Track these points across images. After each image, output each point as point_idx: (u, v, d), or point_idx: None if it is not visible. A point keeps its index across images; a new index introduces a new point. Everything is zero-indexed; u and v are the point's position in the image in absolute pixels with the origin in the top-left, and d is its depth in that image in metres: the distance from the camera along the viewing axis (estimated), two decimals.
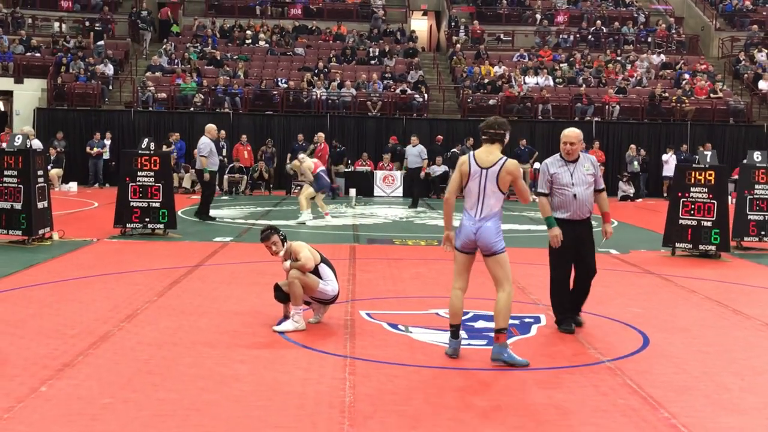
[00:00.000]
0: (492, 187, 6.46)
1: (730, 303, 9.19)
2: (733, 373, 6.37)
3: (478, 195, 6.48)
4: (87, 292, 8.99)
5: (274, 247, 7.59)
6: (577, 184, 7.55)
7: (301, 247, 7.55)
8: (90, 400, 5.37)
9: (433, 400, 5.56)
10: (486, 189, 6.46)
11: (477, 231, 6.47)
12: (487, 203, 6.48)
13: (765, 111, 29.64)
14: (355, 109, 27.84)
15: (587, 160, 7.72)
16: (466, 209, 6.59)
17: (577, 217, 7.60)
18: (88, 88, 27.74)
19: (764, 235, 13.72)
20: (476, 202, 6.49)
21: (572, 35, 33.63)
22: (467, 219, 6.55)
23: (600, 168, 7.87)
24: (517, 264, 11.47)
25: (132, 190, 13.85)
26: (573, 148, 7.58)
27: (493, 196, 6.49)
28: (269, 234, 7.64)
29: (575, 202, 7.55)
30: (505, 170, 6.48)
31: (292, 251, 7.52)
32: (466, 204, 6.59)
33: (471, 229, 6.49)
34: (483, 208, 6.48)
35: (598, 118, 27.95)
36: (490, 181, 6.46)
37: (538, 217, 19.20)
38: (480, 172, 6.48)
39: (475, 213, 6.51)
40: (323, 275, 7.55)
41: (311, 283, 7.42)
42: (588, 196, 7.59)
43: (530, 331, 7.64)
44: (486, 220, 6.47)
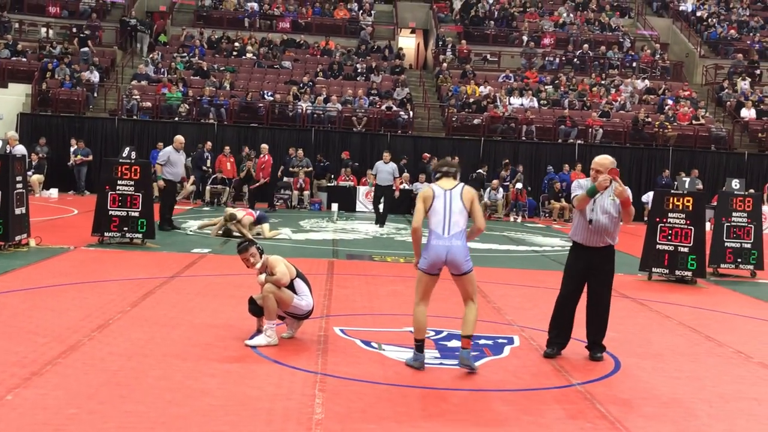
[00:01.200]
0: (457, 203, 6.78)
1: (704, 329, 9.24)
2: (702, 400, 6.41)
3: (444, 212, 6.76)
4: (60, 300, 8.93)
5: (251, 259, 7.55)
6: (596, 211, 7.38)
7: (278, 261, 7.53)
8: (56, 410, 5.33)
9: (401, 419, 5.55)
10: (452, 205, 6.80)
11: (448, 252, 6.64)
12: (454, 219, 6.75)
13: (746, 139, 29.90)
14: (340, 124, 27.86)
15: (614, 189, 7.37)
16: (432, 229, 6.79)
17: (592, 244, 7.44)
18: (73, 94, 27.64)
19: (740, 262, 13.84)
20: (442, 220, 6.75)
21: (558, 58, 33.85)
22: (435, 238, 6.72)
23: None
24: (494, 284, 11.53)
25: (111, 199, 13.79)
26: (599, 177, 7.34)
27: (459, 213, 6.77)
28: (246, 246, 7.62)
29: (589, 228, 7.42)
30: (467, 190, 6.90)
31: (269, 265, 7.51)
32: (432, 224, 6.80)
33: (441, 251, 6.66)
34: (451, 226, 6.74)
35: (581, 141, 28.09)
36: (455, 198, 6.82)
37: (517, 237, 19.30)
38: (444, 192, 6.87)
39: (443, 230, 6.74)
40: (298, 290, 7.54)
41: (286, 298, 7.41)
42: (607, 225, 7.36)
43: (503, 352, 7.65)
44: (455, 238, 6.68)
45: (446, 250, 6.66)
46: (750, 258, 13.83)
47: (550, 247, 17.44)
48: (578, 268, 7.53)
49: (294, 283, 7.54)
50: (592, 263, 7.49)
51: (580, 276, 7.54)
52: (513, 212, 25.12)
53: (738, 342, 8.64)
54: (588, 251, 7.48)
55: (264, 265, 7.54)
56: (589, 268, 7.50)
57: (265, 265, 7.53)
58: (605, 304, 7.56)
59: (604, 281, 7.55)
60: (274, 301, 7.34)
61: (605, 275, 7.55)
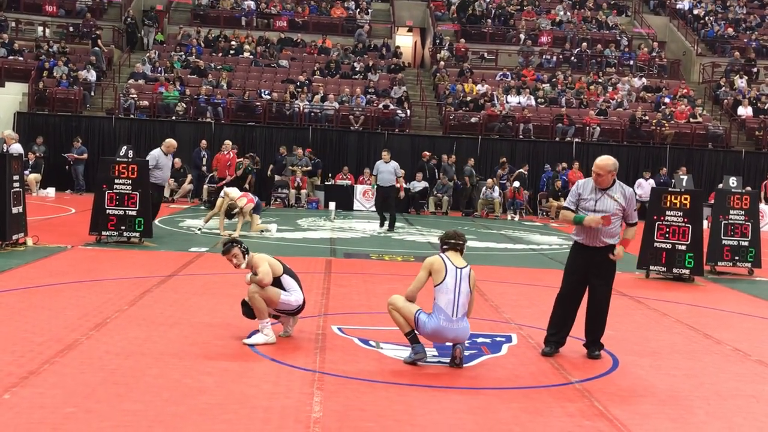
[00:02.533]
0: (466, 285, 6.87)
1: (701, 327, 9.25)
2: (700, 398, 6.41)
3: (454, 293, 6.83)
4: (57, 299, 8.91)
5: (234, 260, 7.53)
6: (598, 211, 7.39)
7: (261, 260, 7.47)
8: (53, 409, 5.32)
9: (400, 417, 5.55)
10: (461, 287, 6.85)
11: (455, 336, 6.85)
12: (462, 302, 6.85)
13: (743, 137, 29.94)
14: (337, 122, 27.85)
15: (619, 191, 7.45)
16: (439, 306, 6.83)
17: (592, 244, 7.46)
18: (70, 93, 27.60)
19: (738, 260, 13.85)
20: (452, 300, 6.82)
21: (555, 56, 33.86)
22: (445, 320, 6.80)
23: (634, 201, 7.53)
24: (492, 282, 11.53)
25: (108, 198, 13.77)
26: (600, 179, 7.44)
27: (466, 296, 6.87)
28: (230, 247, 7.57)
29: (590, 230, 7.43)
30: (473, 275, 7.01)
31: (253, 264, 7.48)
32: (441, 301, 6.84)
33: (449, 333, 6.83)
34: (459, 308, 6.84)
35: (579, 139, 28.11)
36: (464, 280, 6.88)
37: (515, 235, 19.30)
38: (456, 270, 6.88)
39: (452, 312, 6.81)
40: (286, 286, 7.49)
41: (272, 295, 7.38)
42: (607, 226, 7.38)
43: (501, 350, 7.64)
44: (461, 321, 6.85)
45: (454, 333, 6.85)
46: (747, 256, 13.84)
47: (547, 246, 17.44)
48: (578, 267, 7.55)
49: (281, 280, 7.49)
50: (591, 262, 7.50)
51: (579, 275, 7.55)
52: (510, 210, 25.12)
53: (736, 340, 8.64)
54: (588, 250, 7.50)
55: (250, 264, 7.51)
56: (589, 267, 7.51)
57: (251, 264, 7.50)
58: (604, 303, 7.56)
59: (603, 280, 7.54)
60: (261, 300, 7.31)
61: (605, 274, 7.54)
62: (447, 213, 25.16)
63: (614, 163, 7.44)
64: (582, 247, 7.54)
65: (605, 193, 7.44)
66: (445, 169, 25.86)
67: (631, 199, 7.50)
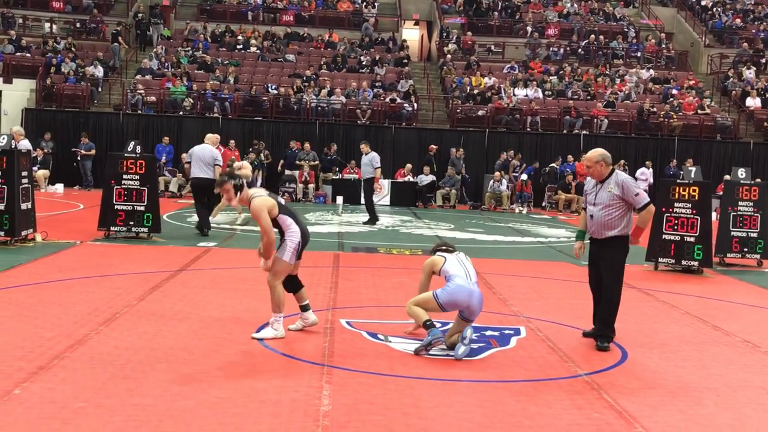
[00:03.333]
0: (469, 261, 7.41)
1: (710, 319, 9.23)
2: (709, 389, 6.40)
3: (462, 265, 7.29)
4: (67, 295, 8.94)
5: (226, 194, 7.39)
6: (596, 204, 7.64)
7: (260, 210, 7.24)
8: (63, 404, 5.34)
9: (408, 411, 5.55)
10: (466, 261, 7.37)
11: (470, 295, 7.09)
12: (471, 270, 7.29)
13: (752, 128, 29.82)
14: (344, 116, 27.84)
15: (615, 181, 7.59)
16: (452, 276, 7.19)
17: (595, 236, 7.71)
18: (77, 89, 27.66)
19: (747, 251, 13.81)
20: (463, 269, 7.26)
21: (562, 48, 33.77)
22: (462, 280, 7.15)
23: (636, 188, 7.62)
24: (500, 275, 11.53)
25: (117, 193, 13.79)
26: (589, 171, 7.76)
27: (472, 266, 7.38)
28: (223, 181, 7.42)
29: (591, 222, 7.71)
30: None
31: (252, 212, 7.33)
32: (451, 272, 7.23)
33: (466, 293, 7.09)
34: (471, 274, 7.25)
35: (587, 131, 28.04)
36: (465, 258, 7.44)
37: (523, 228, 19.29)
38: (454, 254, 7.48)
39: (467, 276, 7.20)
40: (284, 225, 7.40)
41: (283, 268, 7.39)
42: (604, 217, 7.56)
43: (509, 343, 7.64)
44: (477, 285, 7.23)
45: (471, 293, 7.10)
46: (756, 247, 13.80)
47: (555, 238, 17.42)
48: (591, 259, 7.86)
49: (278, 220, 7.38)
50: (598, 254, 7.72)
51: (593, 266, 7.83)
52: (518, 203, 25.10)
53: (745, 331, 8.62)
54: (594, 242, 7.77)
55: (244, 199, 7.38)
56: (597, 258, 7.74)
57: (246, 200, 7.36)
58: (609, 294, 7.62)
59: (608, 272, 7.63)
60: (279, 293, 7.34)
61: (609, 266, 7.63)
62: (455, 206, 25.15)
63: (600, 154, 7.68)
64: (591, 239, 7.82)
65: (603, 185, 7.67)
66: (453, 162, 25.85)
67: (625, 186, 7.57)
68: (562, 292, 10.72)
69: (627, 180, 7.65)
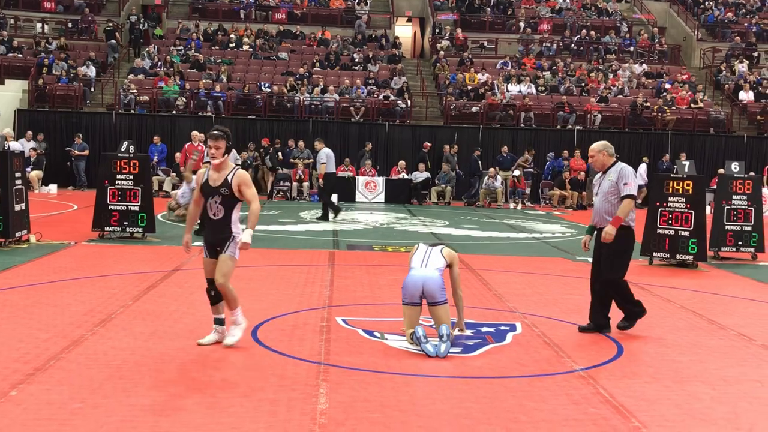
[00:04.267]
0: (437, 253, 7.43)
1: (706, 313, 9.25)
2: (705, 383, 6.41)
3: (424, 254, 7.45)
4: (62, 295, 8.93)
5: (214, 150, 6.87)
6: (598, 194, 8.03)
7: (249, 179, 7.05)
8: (60, 405, 5.33)
9: (405, 408, 5.56)
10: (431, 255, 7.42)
11: (423, 279, 7.15)
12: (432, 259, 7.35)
13: (745, 122, 29.87)
14: (338, 114, 27.83)
15: (615, 171, 7.92)
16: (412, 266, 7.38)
17: (598, 225, 7.99)
18: (70, 89, 27.59)
19: (741, 245, 13.84)
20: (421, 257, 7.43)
21: (555, 44, 33.79)
22: (413, 270, 7.33)
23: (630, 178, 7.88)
24: (495, 271, 11.55)
25: (111, 194, 13.78)
26: (592, 161, 8.13)
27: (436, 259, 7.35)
28: (218, 136, 6.90)
29: (594, 211, 8.12)
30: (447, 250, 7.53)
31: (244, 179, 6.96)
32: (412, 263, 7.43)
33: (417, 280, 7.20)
34: (428, 262, 7.32)
35: (580, 126, 28.06)
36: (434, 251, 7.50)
37: (518, 224, 19.30)
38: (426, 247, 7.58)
39: (420, 264, 7.34)
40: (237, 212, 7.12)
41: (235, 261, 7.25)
42: (603, 205, 7.90)
43: (505, 339, 7.65)
44: (430, 267, 7.28)
45: (422, 279, 7.15)
46: (751, 241, 13.83)
47: (550, 234, 17.43)
48: (594, 248, 8.09)
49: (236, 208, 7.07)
50: (599, 243, 7.96)
51: (596, 255, 8.05)
52: (512, 199, 25.13)
53: (740, 325, 8.65)
54: (598, 232, 7.97)
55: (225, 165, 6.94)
56: (599, 247, 7.99)
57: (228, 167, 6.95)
58: (612, 286, 7.89)
59: (607, 261, 7.88)
60: (232, 289, 7.12)
61: (609, 256, 7.86)
62: (449, 203, 25.16)
63: (603, 144, 8.06)
64: (595, 227, 8.07)
65: (605, 174, 7.97)
66: (447, 158, 25.85)
67: (622, 172, 7.87)
68: (557, 287, 10.74)
69: (625, 168, 7.97)
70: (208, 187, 6.98)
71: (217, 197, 6.94)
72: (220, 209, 6.99)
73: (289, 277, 10.71)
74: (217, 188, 6.92)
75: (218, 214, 7.01)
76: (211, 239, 7.21)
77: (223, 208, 6.98)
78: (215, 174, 6.98)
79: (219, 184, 6.92)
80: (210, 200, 6.99)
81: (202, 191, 7.04)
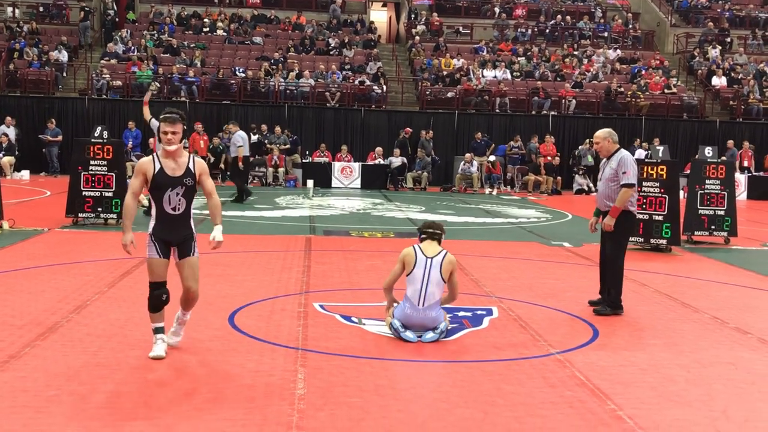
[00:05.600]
0: (436, 274, 6.95)
1: (680, 296, 9.34)
2: (680, 366, 6.48)
3: (422, 283, 6.92)
4: (36, 282, 8.85)
5: (173, 136, 6.13)
6: (601, 179, 8.48)
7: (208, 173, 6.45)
8: (36, 392, 5.29)
9: (383, 392, 5.58)
10: (430, 276, 6.94)
11: (421, 323, 6.96)
12: (430, 291, 6.94)
13: (717, 107, 30.12)
14: (313, 99, 27.72)
15: (617, 158, 8.30)
16: (407, 296, 6.99)
17: (600, 208, 8.44)
18: (42, 74, 27.27)
19: (714, 229, 13.98)
20: (419, 290, 6.93)
21: (530, 29, 33.83)
22: (411, 308, 6.95)
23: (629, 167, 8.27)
24: (471, 256, 11.58)
25: (84, 179, 13.66)
26: (597, 147, 8.52)
27: (436, 284, 6.95)
28: (175, 119, 6.19)
29: (597, 195, 8.63)
30: (447, 260, 7.02)
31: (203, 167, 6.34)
32: (408, 291, 6.99)
33: (414, 321, 6.95)
34: (426, 297, 6.92)
35: (555, 112, 28.17)
36: (434, 269, 6.96)
37: (493, 209, 19.36)
38: (425, 260, 7.00)
39: (418, 302, 6.93)
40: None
41: None
42: (604, 190, 8.35)
43: (482, 324, 7.69)
44: (429, 310, 6.94)
45: (420, 321, 6.97)
46: (723, 225, 13.97)
47: (525, 219, 17.51)
48: (599, 230, 8.46)
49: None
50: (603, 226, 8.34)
51: (602, 237, 8.45)
52: (487, 185, 25.20)
53: (713, 308, 8.74)
54: (602, 214, 8.42)
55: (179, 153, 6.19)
56: (603, 229, 8.36)
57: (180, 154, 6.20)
58: (611, 264, 8.31)
59: (610, 243, 8.30)
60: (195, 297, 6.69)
61: (611, 237, 8.28)
62: (425, 189, 25.18)
63: (608, 131, 8.47)
64: (599, 210, 8.47)
65: (608, 161, 8.39)
66: (423, 144, 25.86)
67: (622, 160, 8.26)
68: (533, 271, 10.80)
69: (626, 156, 8.36)
70: (165, 178, 6.13)
71: (179, 188, 6.16)
72: (182, 202, 6.23)
73: (266, 263, 10.68)
74: (180, 178, 6.15)
75: (179, 208, 6.26)
76: (170, 237, 6.50)
77: (185, 200, 6.24)
78: (171, 162, 6.16)
79: (181, 173, 6.16)
80: (169, 192, 6.16)
81: (156, 183, 6.15)
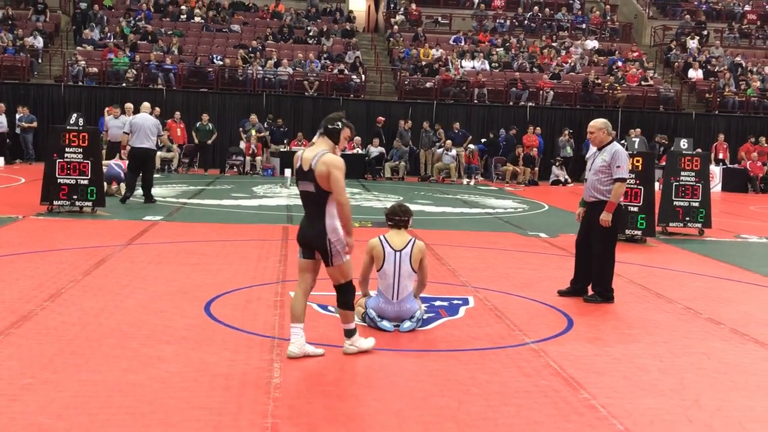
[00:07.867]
0: (406, 267, 6.91)
1: (654, 287, 9.43)
2: (653, 356, 6.55)
3: (393, 277, 6.90)
4: (10, 270, 8.78)
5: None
6: (590, 169, 8.48)
7: None
8: (10, 380, 5.26)
9: (359, 381, 5.60)
10: (401, 269, 6.90)
11: (397, 315, 6.97)
12: (403, 284, 6.93)
13: (694, 99, 30.35)
14: (291, 88, 27.64)
15: (609, 151, 8.33)
16: (380, 290, 6.98)
17: (587, 199, 8.49)
18: (17, 60, 26.97)
19: (689, 220, 14.10)
20: (391, 284, 6.92)
21: (509, 20, 33.90)
22: (385, 302, 6.96)
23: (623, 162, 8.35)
24: (448, 246, 11.61)
25: (60, 167, 13.55)
26: (591, 137, 8.51)
27: (408, 277, 6.94)
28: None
29: (585, 185, 8.65)
30: (417, 249, 6.95)
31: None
32: (381, 286, 6.98)
33: (389, 314, 6.97)
34: (399, 291, 6.92)
35: (533, 103, 28.26)
36: (404, 261, 6.90)
37: (471, 200, 19.42)
38: (394, 254, 6.91)
39: (392, 296, 6.94)
40: None
41: None
42: (595, 181, 8.34)
43: (458, 313, 7.72)
44: (404, 303, 6.95)
45: (395, 313, 6.98)
46: (698, 216, 14.10)
47: (503, 209, 17.58)
48: (583, 220, 8.57)
49: None
50: (589, 217, 8.41)
51: (583, 227, 8.57)
52: (465, 175, 25.26)
53: (687, 299, 8.83)
54: (587, 205, 8.50)
55: None
56: (588, 220, 8.45)
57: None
58: (598, 255, 8.34)
59: (596, 234, 8.34)
60: None
61: (597, 229, 8.31)
62: (403, 178, 25.20)
63: (604, 122, 8.49)
64: (585, 202, 8.56)
65: (600, 152, 8.41)
66: (401, 134, 25.86)
67: (615, 154, 8.29)
68: (509, 261, 10.85)
69: (620, 151, 8.37)
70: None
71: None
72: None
73: (243, 251, 10.66)
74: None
75: None
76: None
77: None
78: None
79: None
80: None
81: None
